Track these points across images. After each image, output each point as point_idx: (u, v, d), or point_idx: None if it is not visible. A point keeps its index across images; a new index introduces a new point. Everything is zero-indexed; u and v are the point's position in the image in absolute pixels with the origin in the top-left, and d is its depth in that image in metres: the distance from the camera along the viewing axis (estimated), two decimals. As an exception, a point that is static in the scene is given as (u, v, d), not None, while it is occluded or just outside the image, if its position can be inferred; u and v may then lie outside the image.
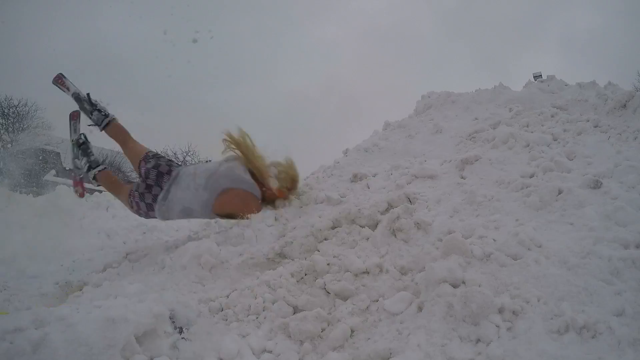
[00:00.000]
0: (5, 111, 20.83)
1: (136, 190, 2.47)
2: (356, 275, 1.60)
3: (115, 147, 2.86)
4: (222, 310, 1.48)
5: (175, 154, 26.22)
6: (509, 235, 1.57)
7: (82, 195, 3.16)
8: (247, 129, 2.41)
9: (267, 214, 2.22)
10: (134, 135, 2.72)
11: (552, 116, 3.01)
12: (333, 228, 1.95)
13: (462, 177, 2.40)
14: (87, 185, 3.03)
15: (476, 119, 3.43)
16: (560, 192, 1.89)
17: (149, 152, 2.62)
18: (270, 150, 2.47)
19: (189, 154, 26.54)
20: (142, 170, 2.50)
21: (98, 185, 2.84)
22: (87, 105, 2.73)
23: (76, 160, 2.88)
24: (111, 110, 2.75)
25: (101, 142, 3.11)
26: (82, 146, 2.86)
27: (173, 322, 1.28)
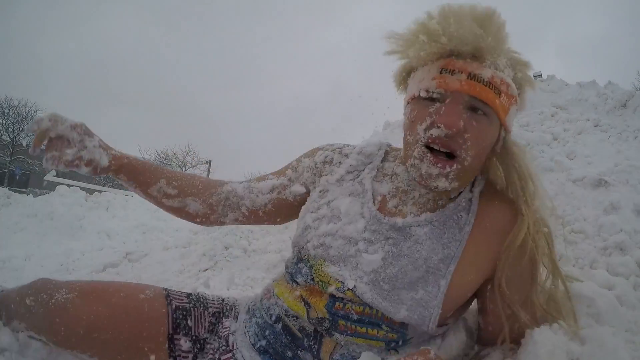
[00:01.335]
0: (6, 112, 20.89)
1: None
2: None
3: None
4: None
5: (175, 154, 26.30)
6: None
7: None
8: (250, 130, 2.35)
9: None
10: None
11: (552, 115, 3.01)
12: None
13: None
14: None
15: (476, 118, 3.43)
16: (556, 194, 1.88)
17: None
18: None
19: (189, 154, 26.63)
20: None
21: None
22: None
23: None
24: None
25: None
26: None
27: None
